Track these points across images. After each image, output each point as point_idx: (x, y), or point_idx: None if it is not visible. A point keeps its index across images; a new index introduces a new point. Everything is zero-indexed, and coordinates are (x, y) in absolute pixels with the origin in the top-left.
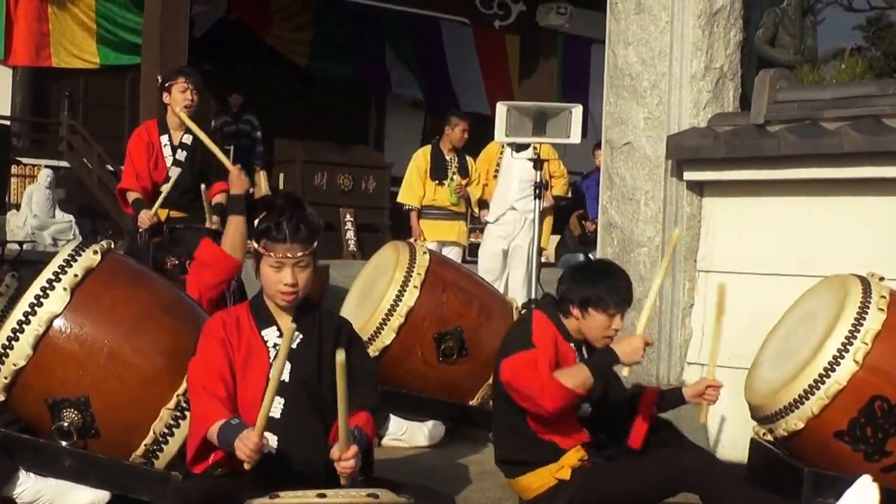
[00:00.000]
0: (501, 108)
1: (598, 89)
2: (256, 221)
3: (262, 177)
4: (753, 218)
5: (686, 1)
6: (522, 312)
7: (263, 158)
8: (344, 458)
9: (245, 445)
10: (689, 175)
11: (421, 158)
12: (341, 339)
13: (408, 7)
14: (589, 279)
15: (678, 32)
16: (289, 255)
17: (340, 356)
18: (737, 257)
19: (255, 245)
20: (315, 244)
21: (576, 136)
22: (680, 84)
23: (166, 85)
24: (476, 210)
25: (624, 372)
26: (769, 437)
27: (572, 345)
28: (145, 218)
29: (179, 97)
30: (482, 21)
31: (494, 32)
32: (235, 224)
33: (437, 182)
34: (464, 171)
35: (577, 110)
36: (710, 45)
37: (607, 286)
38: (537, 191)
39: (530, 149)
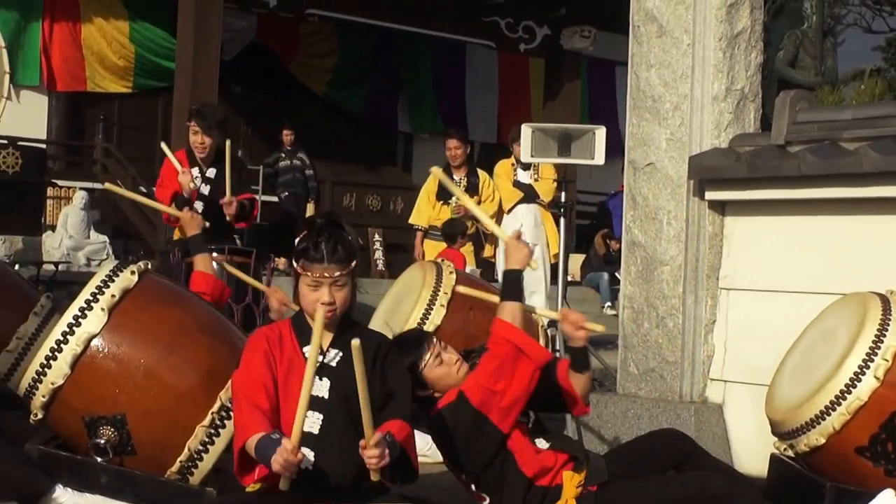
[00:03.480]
0: (527, 130)
1: (622, 111)
2: (297, 241)
3: (311, 209)
4: (775, 237)
5: (707, 24)
6: (548, 329)
7: (317, 193)
8: (369, 448)
9: (282, 458)
10: (710, 195)
11: (430, 180)
12: (379, 355)
13: (434, 31)
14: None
15: (700, 55)
16: (326, 274)
17: (356, 342)
18: (758, 275)
19: (294, 265)
20: (353, 264)
21: (600, 158)
22: (702, 105)
23: (188, 124)
24: (489, 229)
25: (533, 265)
26: (790, 453)
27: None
28: (185, 180)
29: (192, 140)
30: (507, 45)
31: (519, 56)
32: (202, 261)
33: (441, 203)
34: (473, 190)
35: (601, 132)
36: (731, 67)
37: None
38: (562, 210)
39: (531, 168)
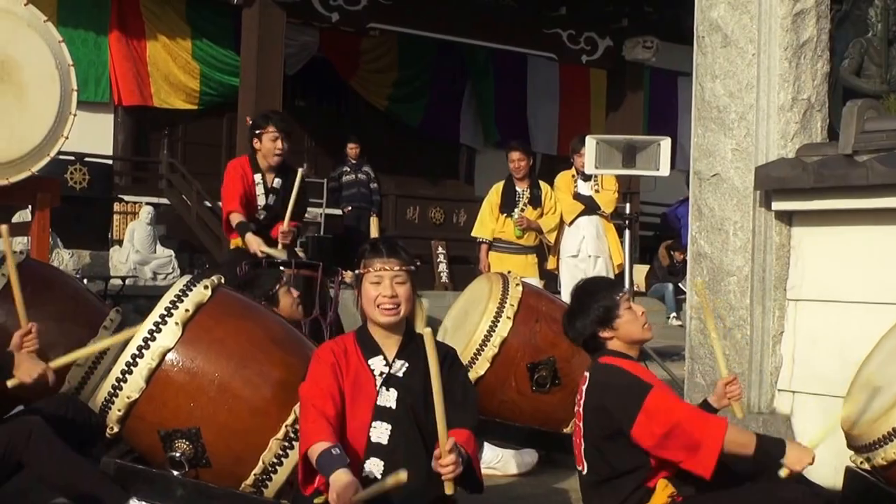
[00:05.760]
0: (591, 142)
1: (685, 121)
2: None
3: (373, 223)
4: (842, 247)
5: (773, 33)
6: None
7: (379, 206)
8: (444, 456)
9: (336, 494)
10: (777, 205)
11: (493, 192)
12: (445, 365)
13: (495, 44)
14: (586, 302)
15: (765, 65)
16: (386, 267)
17: (427, 329)
18: (826, 286)
19: (356, 272)
20: (412, 267)
21: (665, 169)
22: (767, 115)
23: (256, 132)
24: (550, 241)
25: (781, 473)
26: (866, 466)
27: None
28: (253, 244)
29: (271, 146)
30: (569, 57)
31: (580, 68)
32: None
33: (505, 215)
34: (536, 202)
35: (666, 143)
36: (797, 77)
37: (604, 292)
38: (626, 222)
39: (592, 179)
